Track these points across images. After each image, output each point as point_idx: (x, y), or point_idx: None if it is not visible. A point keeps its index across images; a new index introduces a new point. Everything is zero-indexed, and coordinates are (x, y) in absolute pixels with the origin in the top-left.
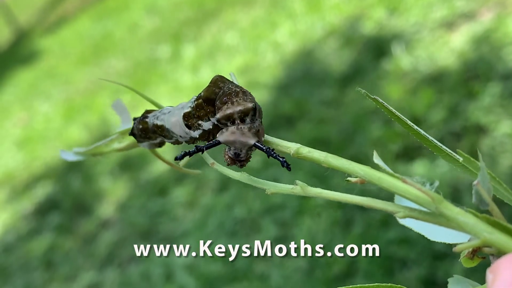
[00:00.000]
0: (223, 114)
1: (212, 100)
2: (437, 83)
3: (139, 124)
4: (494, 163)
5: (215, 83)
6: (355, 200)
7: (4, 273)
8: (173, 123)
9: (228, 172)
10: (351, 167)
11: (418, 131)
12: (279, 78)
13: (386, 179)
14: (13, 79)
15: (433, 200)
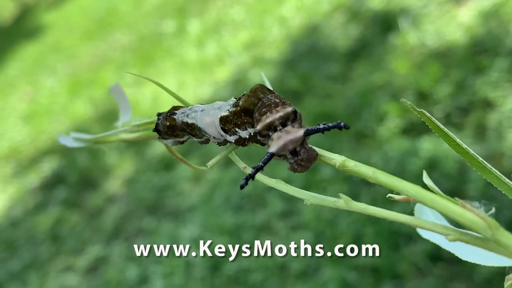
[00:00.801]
0: (263, 125)
1: (251, 111)
2: (444, 58)
3: (166, 120)
4: (501, 138)
5: (254, 93)
6: (403, 219)
7: (12, 246)
8: (208, 124)
9: (263, 179)
10: (402, 185)
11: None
12: (285, 53)
13: (439, 202)
14: (18, 53)
15: (490, 227)
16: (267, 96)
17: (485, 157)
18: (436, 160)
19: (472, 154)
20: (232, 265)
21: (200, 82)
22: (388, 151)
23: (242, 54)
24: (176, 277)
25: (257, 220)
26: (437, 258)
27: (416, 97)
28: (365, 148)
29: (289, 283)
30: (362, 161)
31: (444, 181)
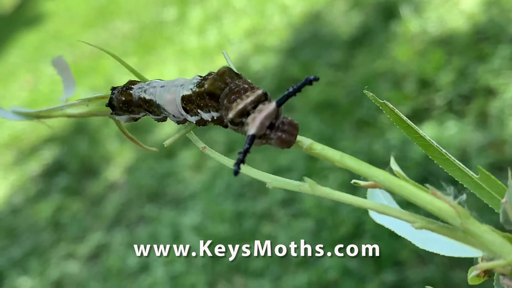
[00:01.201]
0: (235, 112)
1: (216, 96)
2: (446, 45)
3: (121, 95)
4: (503, 125)
5: (221, 77)
6: (368, 205)
7: (13, 233)
8: (168, 101)
9: (223, 160)
10: (370, 171)
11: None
12: (286, 41)
13: (408, 188)
14: (19, 41)
15: (459, 215)
16: (235, 82)
17: (487, 144)
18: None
19: (436, 146)
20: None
21: (201, 69)
22: (389, 139)
23: (243, 42)
24: (177, 265)
25: (258, 208)
26: None
27: (418, 84)
28: (366, 136)
29: (290, 271)
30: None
31: None
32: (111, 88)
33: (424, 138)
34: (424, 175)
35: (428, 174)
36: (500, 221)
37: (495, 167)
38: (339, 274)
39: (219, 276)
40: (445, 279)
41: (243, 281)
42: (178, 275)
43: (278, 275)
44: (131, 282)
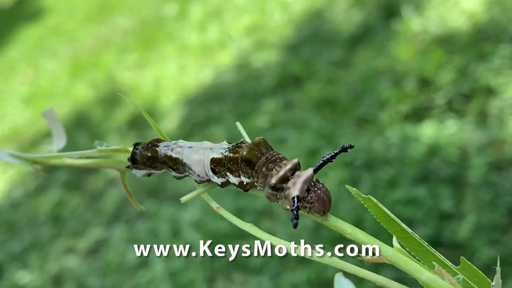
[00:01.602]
0: (277, 178)
1: (253, 163)
2: (447, 44)
3: (147, 151)
4: (502, 125)
5: (257, 147)
6: (371, 277)
7: (12, 228)
8: (196, 161)
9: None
10: (380, 245)
11: (411, 233)
12: (287, 38)
13: (413, 265)
14: (19, 36)
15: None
16: (269, 151)
17: (487, 143)
18: (437, 146)
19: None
20: None
21: (201, 66)
22: (389, 137)
23: (244, 39)
24: (177, 261)
25: (258, 204)
26: (437, 243)
27: (418, 83)
28: (366, 134)
29: (289, 268)
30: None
31: (445, 167)
32: (133, 144)
33: (408, 232)
34: (424, 173)
35: (427, 173)
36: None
37: (495, 167)
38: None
39: (218, 272)
40: None
41: (242, 277)
42: (177, 271)
43: (277, 272)
44: (130, 277)
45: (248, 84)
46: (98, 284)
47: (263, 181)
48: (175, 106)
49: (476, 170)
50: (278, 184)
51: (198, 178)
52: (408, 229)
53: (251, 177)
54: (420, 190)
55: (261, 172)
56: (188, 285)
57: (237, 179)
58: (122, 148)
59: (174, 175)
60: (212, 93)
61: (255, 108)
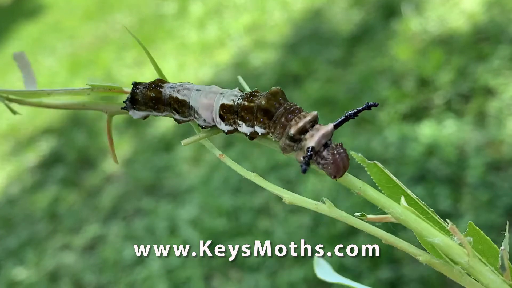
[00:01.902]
0: (296, 128)
1: (271, 113)
2: (446, 44)
3: (150, 91)
4: (501, 125)
5: (275, 97)
6: (379, 234)
7: (9, 224)
8: (204, 105)
9: (238, 169)
10: (389, 203)
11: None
12: (286, 36)
13: (422, 223)
14: (18, 33)
15: (468, 254)
16: (288, 102)
17: (485, 144)
18: (436, 145)
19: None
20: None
21: (200, 64)
22: (387, 136)
23: (244, 37)
24: (174, 258)
25: (256, 202)
26: None
27: (417, 83)
28: (365, 133)
29: (287, 266)
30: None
31: (443, 167)
32: (133, 83)
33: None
34: (422, 173)
35: (425, 172)
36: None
37: (493, 167)
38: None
39: (215, 270)
40: (441, 277)
41: (239, 275)
42: (174, 268)
43: (274, 270)
44: (127, 274)
45: (247, 83)
46: (95, 281)
47: (281, 131)
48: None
49: (474, 170)
50: (297, 135)
51: (204, 123)
52: (414, 196)
53: (267, 127)
54: (418, 190)
55: (279, 122)
56: (185, 282)
57: (249, 129)
58: (116, 87)
59: (177, 118)
60: None
61: None
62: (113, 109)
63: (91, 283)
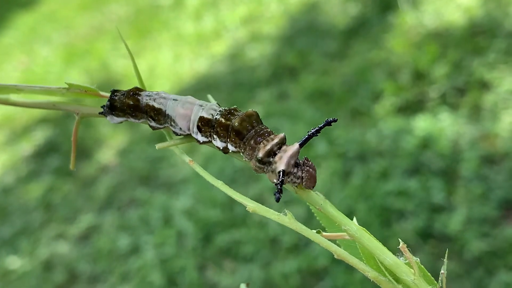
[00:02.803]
0: (264, 151)
1: (242, 135)
2: (442, 38)
3: (128, 99)
4: (496, 119)
5: (249, 119)
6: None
7: (3, 213)
8: (181, 115)
9: (207, 177)
10: (345, 221)
11: None
12: (283, 29)
13: (374, 242)
14: (14, 22)
15: (415, 273)
16: (259, 125)
17: (479, 137)
18: (430, 138)
19: None
20: (224, 237)
21: (196, 55)
22: (382, 129)
23: (240, 29)
24: (168, 247)
25: (250, 194)
26: (428, 235)
27: (413, 76)
28: (360, 125)
29: (280, 256)
30: (356, 138)
31: (437, 160)
32: (111, 90)
33: None
34: (416, 166)
35: (419, 165)
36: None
37: (487, 160)
38: (328, 262)
39: (208, 260)
40: (434, 268)
41: (233, 265)
42: (168, 258)
43: (267, 260)
44: (121, 264)
45: (242, 74)
46: (89, 270)
47: (250, 153)
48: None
49: (468, 163)
50: (265, 158)
51: (179, 131)
52: None
53: (238, 147)
54: (412, 182)
55: (249, 144)
56: (179, 272)
57: (222, 144)
58: (92, 89)
59: (153, 125)
60: (206, 82)
61: (249, 98)
62: (85, 111)
63: (85, 273)
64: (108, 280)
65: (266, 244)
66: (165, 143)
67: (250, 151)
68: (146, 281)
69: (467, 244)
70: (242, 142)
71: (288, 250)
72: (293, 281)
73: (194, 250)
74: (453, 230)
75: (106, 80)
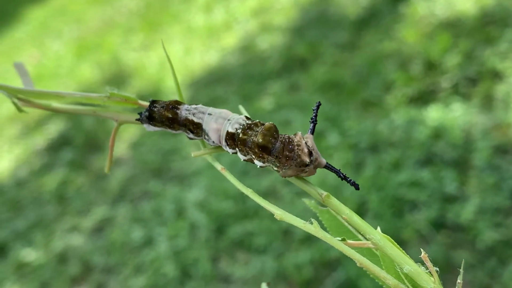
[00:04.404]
0: (306, 156)
1: (269, 149)
2: (453, 27)
3: (167, 112)
4: (508, 109)
5: (269, 132)
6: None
7: (17, 206)
8: (213, 129)
9: (238, 185)
10: (369, 230)
11: None
12: (293, 20)
13: (397, 252)
14: (25, 16)
15: (435, 281)
16: (280, 136)
17: (492, 127)
18: (442, 129)
19: None
20: (236, 229)
21: (207, 47)
22: (394, 120)
23: (250, 21)
24: (181, 239)
25: (262, 185)
26: (440, 225)
27: (425, 66)
28: (371, 116)
29: (293, 248)
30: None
31: (449, 150)
32: (150, 100)
33: None
34: (428, 156)
35: (432, 155)
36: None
37: (499, 150)
38: (341, 253)
39: (222, 251)
40: (447, 258)
41: (246, 257)
42: (181, 249)
43: (280, 252)
44: (135, 256)
45: (253, 66)
46: (103, 262)
47: (288, 163)
48: (180, 87)
49: (480, 153)
50: (309, 160)
51: (213, 144)
52: None
53: (267, 161)
54: (424, 173)
55: (283, 156)
56: (192, 264)
57: (243, 157)
58: (132, 98)
59: (191, 137)
60: (217, 74)
61: (260, 90)
62: (123, 119)
63: (99, 265)
64: (122, 272)
65: (279, 235)
66: (201, 151)
67: (288, 161)
68: (159, 273)
69: (479, 234)
70: (273, 156)
71: (301, 242)
72: (306, 272)
73: (207, 242)
74: (466, 220)
75: (117, 73)
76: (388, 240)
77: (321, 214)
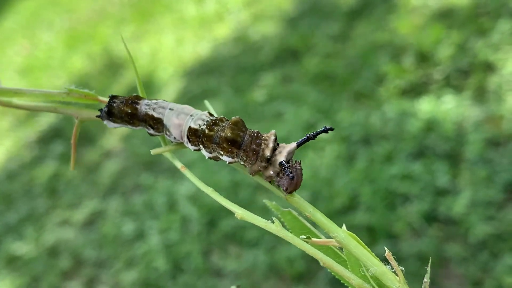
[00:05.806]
0: (270, 150)
1: (238, 143)
2: (446, 19)
3: (126, 107)
4: (500, 101)
5: (237, 126)
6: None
7: (8, 199)
8: (175, 125)
9: (199, 184)
10: (333, 228)
11: None
12: (285, 10)
13: (361, 249)
14: (15, 7)
15: (400, 280)
16: (248, 130)
17: (484, 119)
18: (434, 121)
19: None
20: (228, 222)
21: (199, 38)
22: (386, 111)
23: (242, 11)
24: (173, 233)
25: (254, 179)
26: (432, 218)
27: (417, 58)
28: (364, 108)
29: (285, 241)
30: (360, 121)
31: (441, 142)
32: (110, 96)
33: None
34: (420, 149)
35: (424, 148)
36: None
37: (492, 143)
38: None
39: (214, 245)
40: (438, 251)
41: (238, 250)
42: (173, 243)
43: (272, 245)
44: (127, 249)
45: (245, 57)
46: (94, 256)
47: (254, 157)
48: (172, 79)
49: (472, 146)
50: (272, 154)
51: (174, 140)
52: None
53: (236, 156)
54: (416, 165)
55: (250, 150)
56: (184, 257)
57: (208, 154)
58: (92, 94)
59: (151, 133)
60: (209, 65)
61: (252, 81)
62: (84, 115)
63: (90, 258)
64: (113, 266)
65: None
66: (160, 149)
67: (254, 155)
68: (151, 267)
69: (472, 227)
70: (241, 150)
71: None
72: (298, 266)
73: (199, 235)
74: (458, 213)
75: (109, 64)
76: (353, 238)
77: (283, 215)
